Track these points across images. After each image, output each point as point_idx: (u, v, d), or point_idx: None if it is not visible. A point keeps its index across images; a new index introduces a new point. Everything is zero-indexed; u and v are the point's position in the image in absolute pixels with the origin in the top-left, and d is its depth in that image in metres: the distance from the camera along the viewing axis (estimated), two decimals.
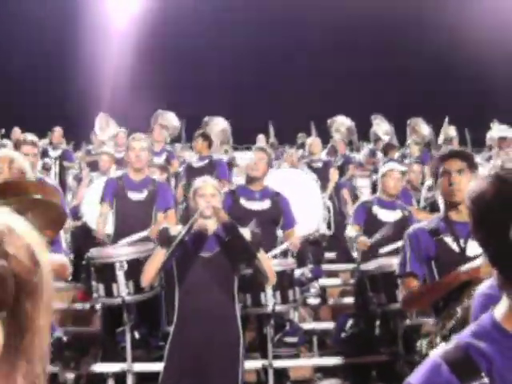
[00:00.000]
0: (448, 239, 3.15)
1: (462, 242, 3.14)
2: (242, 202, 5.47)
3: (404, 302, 3.21)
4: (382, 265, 5.19)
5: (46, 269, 0.84)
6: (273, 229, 5.50)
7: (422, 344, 2.97)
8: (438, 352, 1.22)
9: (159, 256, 4.01)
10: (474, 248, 3.12)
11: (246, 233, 4.08)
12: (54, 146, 10.77)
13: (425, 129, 11.57)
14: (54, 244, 3.38)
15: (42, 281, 0.82)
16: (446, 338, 2.91)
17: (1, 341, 0.78)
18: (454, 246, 3.14)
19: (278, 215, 5.49)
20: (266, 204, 5.48)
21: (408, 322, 5.28)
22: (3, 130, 11.31)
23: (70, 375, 5.02)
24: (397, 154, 9.57)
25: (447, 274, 3.05)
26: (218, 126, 10.58)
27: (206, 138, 8.11)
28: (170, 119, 10.76)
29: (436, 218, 3.28)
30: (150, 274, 4.04)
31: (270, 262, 4.24)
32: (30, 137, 5.19)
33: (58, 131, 11.13)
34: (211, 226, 4.12)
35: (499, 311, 1.21)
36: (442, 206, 3.36)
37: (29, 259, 0.80)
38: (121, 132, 10.51)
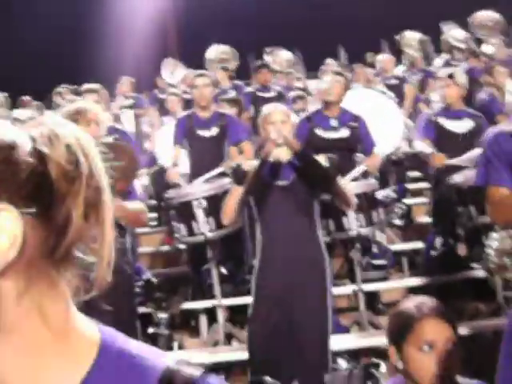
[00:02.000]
0: None
1: None
2: (319, 132, 5.28)
3: (496, 213, 2.94)
4: (469, 177, 4.92)
5: (96, 172, 0.80)
6: (351, 156, 5.32)
7: (490, 250, 2.77)
8: None
9: (236, 194, 3.94)
10: None
11: (321, 159, 3.93)
12: (123, 95, 10.80)
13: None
14: (129, 193, 3.38)
15: (84, 183, 0.78)
16: None
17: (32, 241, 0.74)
18: None
19: (355, 143, 5.29)
20: (343, 133, 5.27)
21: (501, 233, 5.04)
22: (75, 87, 11.42)
23: (163, 315, 5.11)
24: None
25: None
26: (280, 56, 10.34)
27: (270, 68, 7.99)
28: (227, 51, 10.53)
29: None
30: (229, 213, 3.99)
31: (349, 186, 4.08)
32: (92, 86, 5.20)
33: (126, 80, 11.12)
34: (285, 153, 3.99)
35: None
36: None
37: (67, 160, 0.77)
38: (189, 73, 10.40)
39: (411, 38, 10.64)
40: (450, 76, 5.52)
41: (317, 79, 10.44)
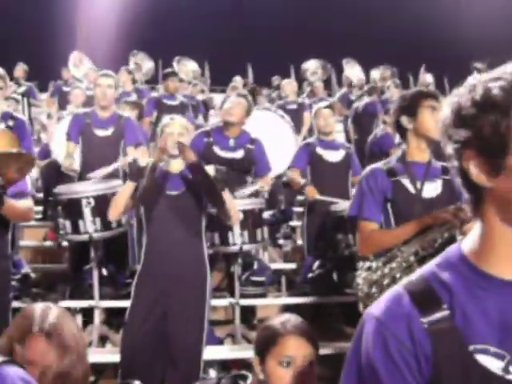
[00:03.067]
0: (405, 180, 3.14)
1: (418, 183, 3.14)
2: (215, 149, 5.37)
3: (363, 246, 3.18)
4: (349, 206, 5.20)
5: None
6: (243, 176, 5.47)
7: (359, 279, 2.99)
8: (402, 282, 1.20)
9: (128, 189, 3.92)
10: (429, 190, 3.13)
11: (210, 170, 4.03)
12: (17, 81, 10.52)
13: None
14: (19, 185, 3.36)
15: None
16: (385, 276, 2.94)
17: None
18: (411, 188, 3.13)
19: (249, 165, 5.43)
20: (239, 154, 5.39)
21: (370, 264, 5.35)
22: None
23: None
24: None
25: (402, 215, 3.06)
26: (188, 65, 10.49)
27: (178, 77, 8.10)
28: (143, 59, 10.60)
29: (393, 159, 3.26)
30: (117, 207, 3.96)
31: (234, 203, 4.19)
32: None
33: (21, 66, 10.86)
34: (178, 164, 4.08)
35: (467, 243, 1.18)
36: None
37: None
38: (91, 70, 10.33)
39: (316, 67, 11.07)
40: (329, 107, 5.89)
41: (223, 94, 10.63)
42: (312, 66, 11.05)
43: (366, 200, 3.13)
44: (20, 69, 10.76)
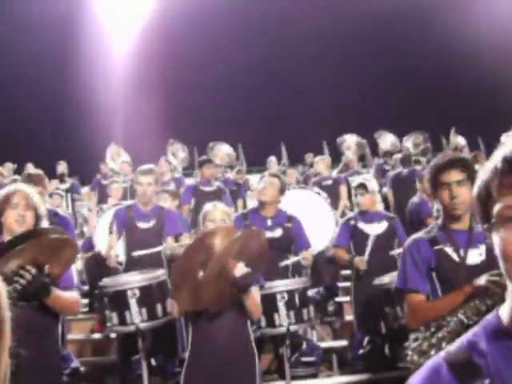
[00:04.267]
0: (448, 249, 3.10)
1: (461, 251, 3.10)
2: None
3: (411, 318, 3.13)
4: (395, 279, 5.13)
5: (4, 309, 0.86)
6: (284, 256, 5.47)
7: (409, 351, 2.92)
8: (442, 353, 1.18)
9: None
10: (473, 256, 3.08)
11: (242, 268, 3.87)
12: (61, 178, 10.91)
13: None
14: (66, 279, 3.43)
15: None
16: (433, 346, 2.86)
17: None
18: (455, 256, 3.09)
19: (289, 243, 5.46)
20: (277, 233, 5.44)
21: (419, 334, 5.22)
22: (15, 166, 11.46)
23: None
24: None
25: (448, 284, 3.01)
26: (222, 150, 10.75)
27: (213, 163, 8.31)
28: (178, 149, 10.94)
29: (434, 227, 3.23)
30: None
31: (257, 303, 4.11)
32: (35, 171, 5.23)
33: (62, 164, 11.30)
34: None
35: (504, 311, 1.18)
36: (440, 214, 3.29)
37: None
38: (125, 163, 10.70)
39: (350, 141, 11.20)
40: (363, 185, 5.86)
41: (259, 174, 10.80)
42: (347, 140, 11.18)
43: (410, 271, 3.10)
44: (61, 167, 11.20)
